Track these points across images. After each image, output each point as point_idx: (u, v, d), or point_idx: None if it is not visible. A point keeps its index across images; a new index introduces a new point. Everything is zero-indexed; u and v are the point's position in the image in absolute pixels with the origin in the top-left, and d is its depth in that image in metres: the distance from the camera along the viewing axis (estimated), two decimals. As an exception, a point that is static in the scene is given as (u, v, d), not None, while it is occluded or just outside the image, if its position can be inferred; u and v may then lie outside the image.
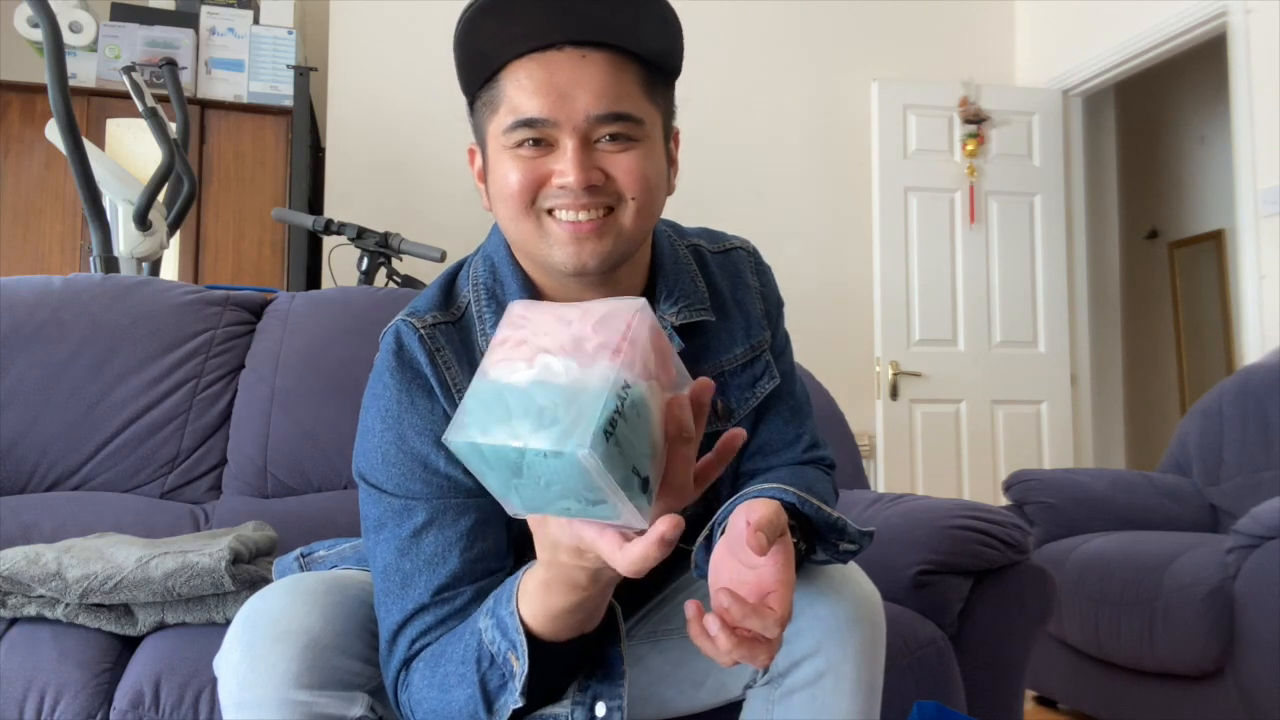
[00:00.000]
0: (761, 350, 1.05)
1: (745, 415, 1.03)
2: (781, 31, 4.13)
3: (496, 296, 0.95)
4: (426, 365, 0.91)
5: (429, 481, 0.90)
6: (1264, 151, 3.21)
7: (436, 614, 0.87)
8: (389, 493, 0.91)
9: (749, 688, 0.97)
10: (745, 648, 0.73)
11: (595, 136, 0.85)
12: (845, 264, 4.07)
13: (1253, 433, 2.58)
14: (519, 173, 0.86)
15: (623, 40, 0.85)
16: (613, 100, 0.84)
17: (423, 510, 0.89)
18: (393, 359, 0.93)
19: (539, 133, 0.85)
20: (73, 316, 1.73)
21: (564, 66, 0.84)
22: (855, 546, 0.93)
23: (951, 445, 3.94)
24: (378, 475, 0.92)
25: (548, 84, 0.84)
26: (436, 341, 0.92)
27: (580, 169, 0.84)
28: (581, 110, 0.84)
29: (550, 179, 0.86)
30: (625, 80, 0.86)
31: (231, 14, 3.60)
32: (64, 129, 2.12)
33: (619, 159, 0.86)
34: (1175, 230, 5.34)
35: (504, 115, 0.86)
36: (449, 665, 0.83)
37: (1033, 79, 4.26)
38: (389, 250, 2.46)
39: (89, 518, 1.53)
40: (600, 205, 0.87)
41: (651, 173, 0.88)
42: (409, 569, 0.88)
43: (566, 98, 0.84)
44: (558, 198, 0.86)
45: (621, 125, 0.85)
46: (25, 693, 1.11)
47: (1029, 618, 1.42)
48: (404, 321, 0.94)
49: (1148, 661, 2.14)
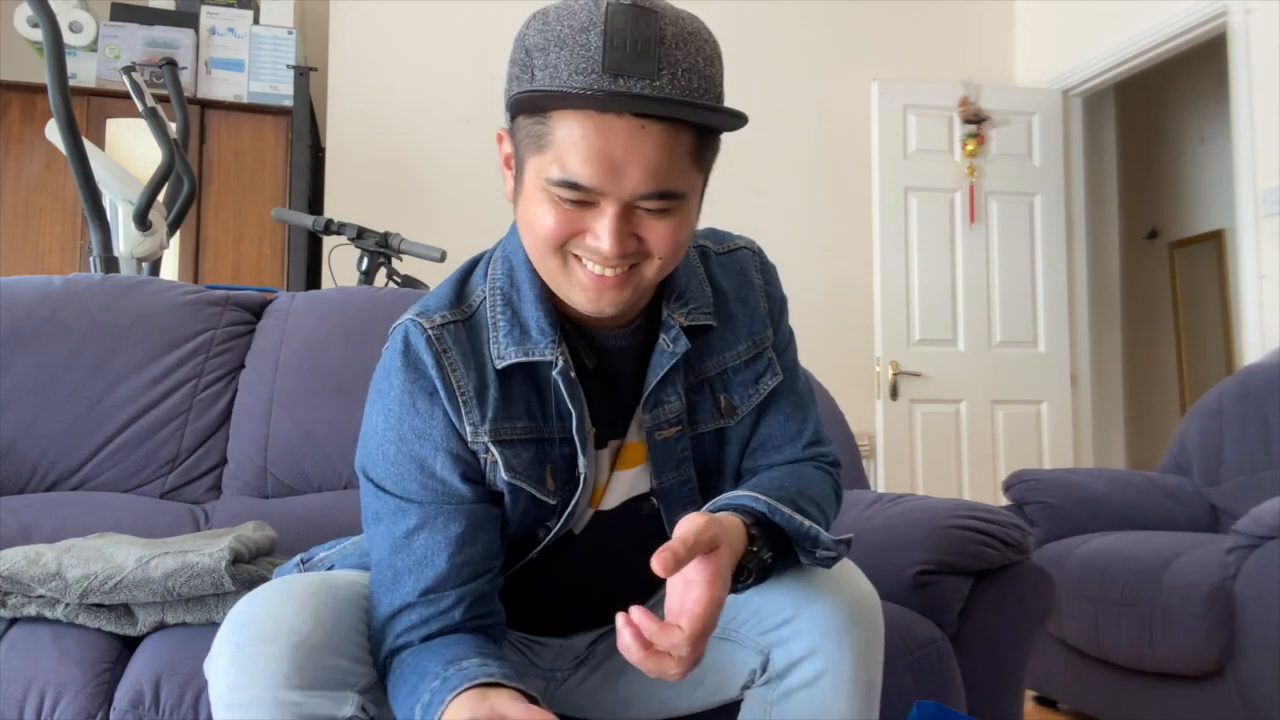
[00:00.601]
0: (764, 347, 1.05)
1: (748, 412, 1.04)
2: (781, 31, 4.13)
3: (512, 304, 0.95)
4: (432, 367, 0.92)
5: (424, 484, 0.92)
6: (1264, 151, 3.20)
7: (421, 613, 0.90)
8: (387, 491, 0.93)
9: (747, 688, 0.97)
10: (654, 660, 0.77)
11: (638, 204, 0.84)
12: (845, 264, 4.07)
13: (1253, 433, 2.58)
14: (555, 221, 0.85)
15: (683, 114, 0.82)
16: (662, 179, 0.82)
17: (416, 513, 0.92)
18: (399, 358, 0.93)
19: (585, 196, 0.83)
20: (73, 316, 1.73)
21: (620, 137, 0.80)
22: (832, 554, 0.93)
23: (951, 445, 3.94)
24: (378, 472, 0.94)
25: (602, 154, 0.80)
26: (444, 343, 0.93)
27: (617, 240, 0.83)
28: (630, 187, 0.82)
29: (585, 235, 0.85)
30: (677, 155, 0.83)
31: (231, 14, 3.60)
32: (64, 129, 2.12)
33: (655, 225, 0.86)
34: (1175, 230, 5.34)
35: (550, 163, 0.83)
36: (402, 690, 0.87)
37: (1033, 79, 4.26)
38: (389, 250, 2.46)
39: (89, 518, 1.53)
40: (627, 263, 0.87)
41: (683, 237, 0.88)
42: (399, 566, 0.91)
43: (618, 172, 0.81)
44: (588, 253, 0.86)
45: (664, 201, 0.84)
46: (25, 693, 1.11)
47: (1029, 618, 1.42)
48: (413, 321, 0.94)
49: (1148, 661, 2.14)
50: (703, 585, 0.79)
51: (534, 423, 0.95)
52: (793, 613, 0.93)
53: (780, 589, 0.94)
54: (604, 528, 1.02)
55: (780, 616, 0.93)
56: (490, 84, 3.85)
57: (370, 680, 0.89)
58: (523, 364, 0.93)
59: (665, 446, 1.00)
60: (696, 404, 1.01)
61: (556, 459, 0.96)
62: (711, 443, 1.04)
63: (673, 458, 1.01)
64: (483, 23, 3.89)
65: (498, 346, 0.94)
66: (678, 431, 1.00)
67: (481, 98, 3.84)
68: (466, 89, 3.85)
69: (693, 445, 1.02)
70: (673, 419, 0.99)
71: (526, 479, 0.94)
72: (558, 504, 0.97)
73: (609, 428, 0.99)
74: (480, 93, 3.85)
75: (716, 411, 1.02)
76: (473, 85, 3.85)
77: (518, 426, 0.94)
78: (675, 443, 1.00)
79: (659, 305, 0.98)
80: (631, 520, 1.02)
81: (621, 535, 1.02)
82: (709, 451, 1.04)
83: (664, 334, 0.97)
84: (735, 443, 1.05)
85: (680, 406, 0.99)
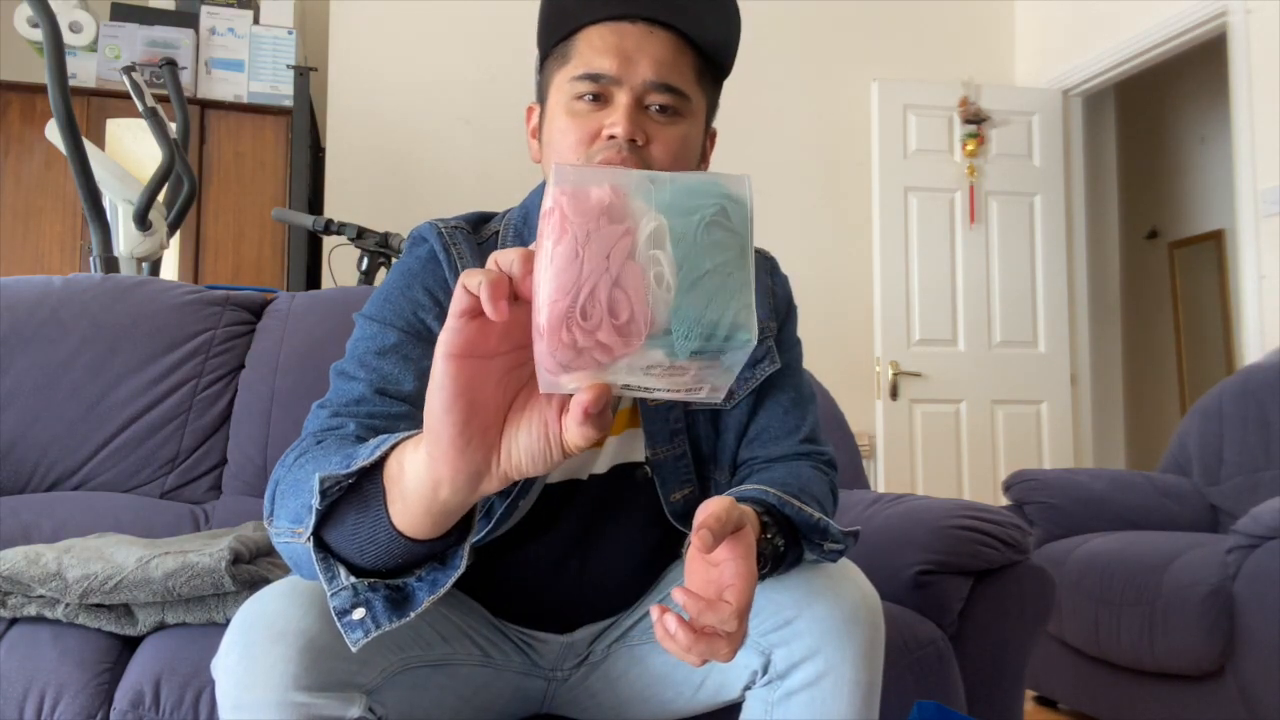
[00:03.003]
0: (765, 337, 1.08)
1: (745, 397, 1.07)
2: (781, 31, 4.13)
3: (521, 237, 1.05)
4: (441, 252, 1.01)
5: (411, 322, 0.98)
6: (1264, 151, 3.21)
7: (369, 406, 0.91)
8: (374, 319, 0.99)
9: (748, 689, 0.97)
10: (705, 643, 0.75)
11: (647, 102, 0.95)
12: (845, 264, 4.07)
13: (1253, 433, 2.58)
14: (576, 128, 0.96)
15: (687, 26, 0.96)
16: (668, 72, 0.95)
17: (395, 335, 0.97)
18: (413, 243, 1.05)
19: (600, 88, 0.95)
20: (73, 316, 1.73)
21: (632, 35, 0.95)
22: (840, 546, 0.95)
23: (951, 445, 3.94)
24: (373, 308, 1.01)
25: (617, 47, 0.95)
26: (454, 238, 1.03)
27: (629, 121, 0.94)
28: (640, 74, 0.94)
29: (601, 133, 0.95)
30: (682, 60, 0.97)
31: (231, 14, 3.60)
32: (64, 129, 2.12)
33: (662, 129, 0.96)
34: (1175, 230, 5.34)
35: (574, 68, 0.96)
36: (325, 455, 0.81)
37: (1033, 79, 4.26)
38: (389, 250, 2.46)
39: (89, 518, 1.53)
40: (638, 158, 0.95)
41: (686, 150, 0.98)
42: (363, 375, 0.94)
43: (630, 61, 0.94)
44: (605, 150, 0.94)
45: (671, 97, 0.96)
46: (25, 693, 1.11)
47: (1029, 618, 1.42)
48: (428, 222, 1.05)
49: (1148, 661, 2.14)
50: (738, 560, 0.78)
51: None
52: (794, 613, 0.93)
53: (782, 590, 0.95)
54: (598, 493, 1.03)
55: (782, 617, 0.93)
56: (490, 84, 3.85)
57: (378, 680, 0.89)
58: None
59: (657, 413, 1.03)
60: None
61: None
62: (707, 425, 1.06)
63: (665, 427, 1.04)
64: (483, 23, 3.89)
65: None
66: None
67: (481, 98, 3.84)
68: (466, 89, 3.85)
69: (686, 423, 1.05)
70: None
71: None
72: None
73: None
74: (480, 93, 3.85)
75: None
76: (473, 85, 3.85)
77: None
78: (668, 410, 1.04)
79: None
80: (626, 487, 1.04)
81: (614, 502, 1.04)
82: (704, 434, 1.06)
83: None
84: (732, 430, 1.07)
85: None
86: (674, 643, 0.75)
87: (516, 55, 3.81)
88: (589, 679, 1.09)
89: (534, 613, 1.08)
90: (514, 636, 1.08)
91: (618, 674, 1.07)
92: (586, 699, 1.10)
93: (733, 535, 0.80)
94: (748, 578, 0.78)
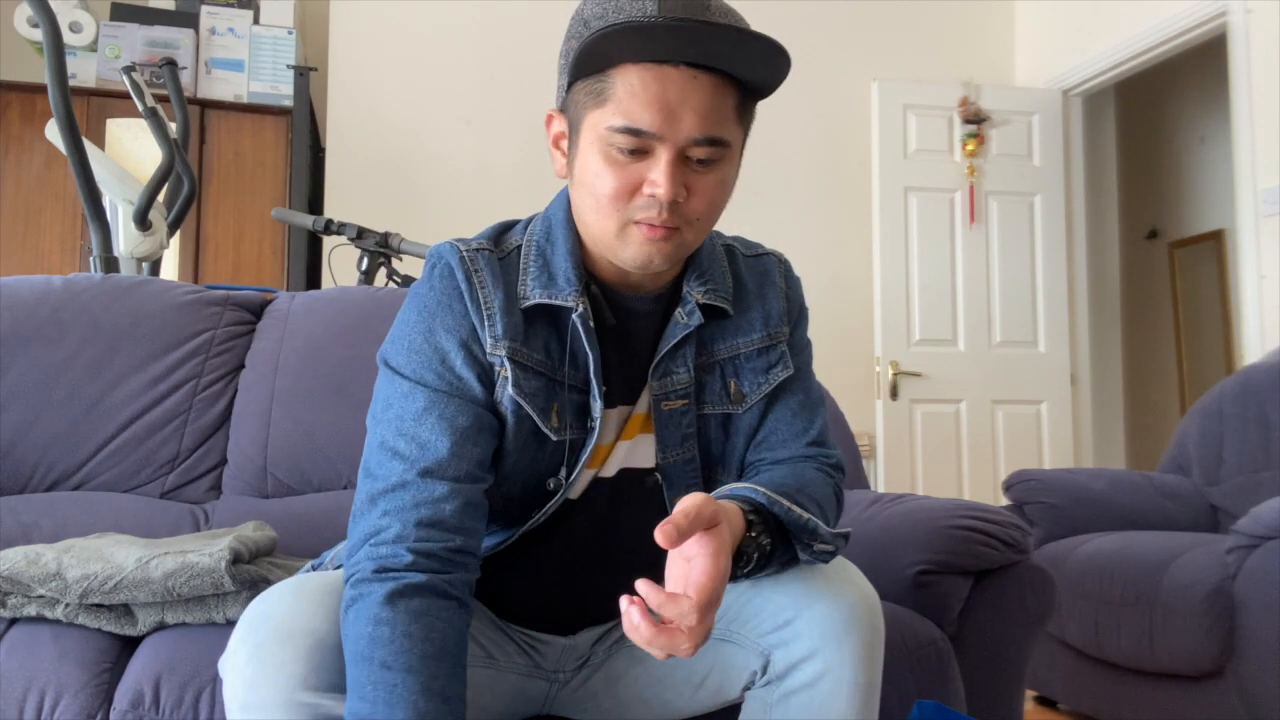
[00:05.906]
0: (779, 340, 1.07)
1: (757, 401, 1.06)
2: (781, 31, 4.06)
3: (544, 255, 1.00)
4: (463, 281, 0.97)
5: (441, 375, 0.95)
6: (1264, 151, 3.21)
7: (414, 494, 0.90)
8: (404, 375, 0.96)
9: (748, 690, 0.97)
10: (665, 636, 0.77)
11: (689, 154, 0.90)
12: (845, 264, 4.07)
13: (1253, 433, 2.58)
14: (615, 179, 0.91)
15: (733, 68, 0.91)
16: (712, 125, 0.90)
17: (426, 396, 0.94)
18: (434, 270, 0.99)
19: (642, 143, 0.89)
20: (73, 316, 1.73)
21: (676, 84, 0.88)
22: (830, 547, 0.94)
23: (951, 445, 3.94)
24: (399, 359, 0.97)
25: (660, 99, 0.88)
26: (476, 264, 0.98)
27: (672, 183, 0.89)
28: (685, 131, 0.89)
29: (641, 188, 0.91)
30: (725, 105, 0.91)
31: (231, 14, 3.60)
32: (64, 129, 2.12)
33: (701, 178, 0.92)
34: (1175, 230, 5.34)
35: (611, 114, 0.89)
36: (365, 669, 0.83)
37: (1033, 79, 4.26)
38: (389, 250, 2.46)
39: (89, 518, 1.53)
40: (677, 217, 0.92)
41: (723, 192, 0.95)
42: (402, 447, 0.92)
43: (674, 116, 0.88)
44: (645, 210, 0.91)
45: (713, 150, 0.91)
46: (25, 693, 1.11)
47: (1029, 618, 1.42)
48: (450, 243, 1.01)
49: (1148, 662, 2.14)
50: (706, 557, 0.80)
51: (550, 361, 0.98)
52: (793, 614, 0.93)
53: (781, 590, 0.94)
54: (604, 496, 1.03)
55: (781, 618, 0.93)
56: (490, 84, 3.85)
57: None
58: (546, 306, 0.97)
59: (671, 419, 1.02)
60: (706, 384, 1.04)
61: (565, 401, 0.98)
62: (718, 429, 1.05)
63: (677, 432, 1.03)
64: (483, 23, 3.89)
65: (524, 287, 0.98)
66: (684, 405, 1.02)
67: (481, 98, 3.84)
68: (466, 89, 3.85)
69: (698, 427, 1.04)
70: (680, 391, 1.01)
71: (532, 404, 0.96)
72: (561, 444, 0.98)
73: (619, 392, 1.01)
74: (480, 93, 3.85)
75: (725, 396, 1.04)
76: (473, 85, 3.85)
77: (534, 358, 0.97)
78: (681, 416, 1.02)
79: (680, 283, 1.02)
80: (634, 492, 1.03)
81: (622, 508, 1.03)
82: (714, 437, 1.05)
83: (680, 307, 1.01)
84: (742, 434, 1.06)
85: (689, 380, 1.02)
86: (637, 634, 0.78)
87: (516, 55, 3.81)
88: (590, 681, 1.09)
89: (539, 615, 1.08)
90: (518, 638, 1.08)
91: (618, 675, 1.07)
92: (588, 700, 1.10)
93: (705, 531, 0.81)
94: (714, 574, 0.79)
